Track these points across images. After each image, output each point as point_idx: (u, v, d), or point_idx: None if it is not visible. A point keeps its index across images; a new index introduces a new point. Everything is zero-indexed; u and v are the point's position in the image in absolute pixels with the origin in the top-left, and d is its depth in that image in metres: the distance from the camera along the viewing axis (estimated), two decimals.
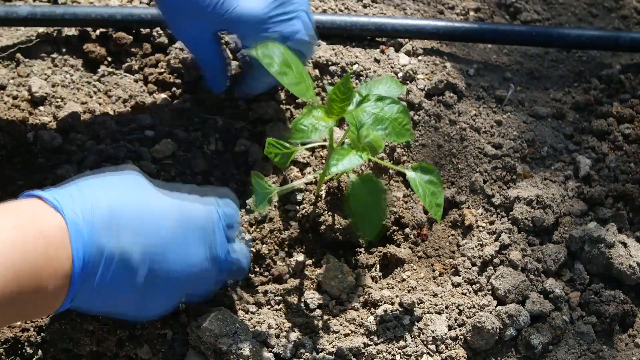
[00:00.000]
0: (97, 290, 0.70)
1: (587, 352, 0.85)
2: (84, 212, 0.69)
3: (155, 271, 0.72)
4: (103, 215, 0.69)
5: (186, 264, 0.75)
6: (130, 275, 0.71)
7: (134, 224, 0.71)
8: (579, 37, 1.14)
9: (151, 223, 0.72)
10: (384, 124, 0.79)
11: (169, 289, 0.75)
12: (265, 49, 0.82)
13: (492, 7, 1.26)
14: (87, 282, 0.69)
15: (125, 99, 1.06)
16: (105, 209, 0.70)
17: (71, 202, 0.69)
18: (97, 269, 0.69)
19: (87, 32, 1.12)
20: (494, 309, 0.86)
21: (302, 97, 0.82)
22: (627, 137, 1.04)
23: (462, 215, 0.97)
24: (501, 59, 1.18)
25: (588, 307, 0.88)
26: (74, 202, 0.69)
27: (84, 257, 0.68)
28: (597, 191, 0.97)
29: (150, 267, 0.72)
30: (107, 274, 0.69)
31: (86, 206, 0.69)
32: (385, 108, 0.80)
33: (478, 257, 0.92)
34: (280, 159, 0.86)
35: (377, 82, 0.89)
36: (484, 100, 1.08)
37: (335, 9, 1.18)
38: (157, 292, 0.74)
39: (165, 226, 0.73)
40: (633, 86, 1.12)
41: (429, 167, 0.85)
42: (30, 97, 1.03)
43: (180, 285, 0.75)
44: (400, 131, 0.79)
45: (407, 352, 0.83)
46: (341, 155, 0.79)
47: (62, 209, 0.68)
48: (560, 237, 0.93)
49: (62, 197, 0.69)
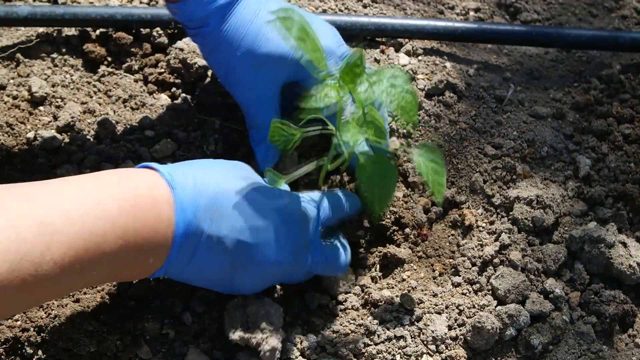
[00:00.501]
0: (190, 267, 0.75)
1: (587, 352, 0.85)
2: (192, 193, 0.73)
3: (245, 259, 0.77)
4: (208, 199, 0.74)
5: (274, 257, 0.79)
6: (222, 258, 0.76)
7: (234, 213, 0.75)
8: (579, 37, 1.14)
9: (250, 215, 0.76)
10: (392, 96, 0.80)
11: (256, 275, 0.80)
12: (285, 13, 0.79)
13: (492, 7, 1.26)
14: (181, 258, 0.74)
15: (125, 99, 1.06)
16: (211, 194, 0.75)
17: (183, 180, 0.74)
18: (194, 249, 0.74)
19: (87, 32, 1.12)
20: (494, 309, 0.86)
21: (318, 64, 0.80)
22: (627, 137, 1.04)
23: (462, 215, 0.97)
24: (501, 59, 1.18)
25: (588, 307, 0.88)
26: (185, 181, 0.74)
27: (183, 235, 0.72)
28: (597, 191, 0.97)
29: (242, 254, 0.76)
30: (200, 254, 0.74)
31: (195, 188, 0.74)
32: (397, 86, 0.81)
33: (478, 257, 0.92)
34: (284, 143, 0.85)
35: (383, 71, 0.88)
36: (484, 100, 1.08)
37: (335, 9, 1.18)
38: (244, 276, 0.79)
39: (262, 220, 0.77)
40: (633, 86, 1.12)
41: (431, 146, 0.84)
42: (30, 97, 1.03)
43: (267, 274, 0.80)
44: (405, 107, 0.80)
45: (407, 352, 0.83)
46: (347, 130, 0.79)
47: (174, 186, 0.73)
48: (560, 237, 0.93)
49: (176, 174, 0.74)
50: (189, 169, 0.76)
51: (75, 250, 0.64)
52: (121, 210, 0.68)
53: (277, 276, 0.82)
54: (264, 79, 0.90)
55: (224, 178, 0.77)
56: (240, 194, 0.77)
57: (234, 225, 0.75)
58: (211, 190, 0.75)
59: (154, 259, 0.72)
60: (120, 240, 0.68)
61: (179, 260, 0.74)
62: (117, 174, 0.74)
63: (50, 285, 0.64)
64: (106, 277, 0.73)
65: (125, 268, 0.71)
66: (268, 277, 0.81)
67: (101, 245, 0.66)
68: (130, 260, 0.70)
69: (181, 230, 0.72)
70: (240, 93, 0.93)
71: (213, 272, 0.77)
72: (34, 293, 0.64)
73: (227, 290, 0.81)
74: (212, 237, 0.74)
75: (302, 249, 0.81)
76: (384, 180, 0.82)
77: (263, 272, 0.80)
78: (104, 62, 1.11)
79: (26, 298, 0.64)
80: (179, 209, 0.72)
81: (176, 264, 0.74)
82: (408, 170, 1.00)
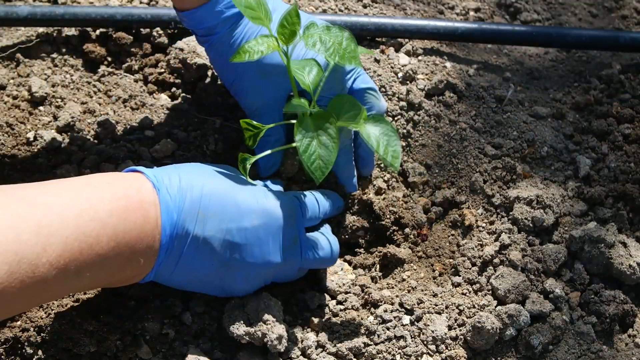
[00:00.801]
0: (178, 269, 0.76)
1: (587, 352, 0.85)
2: (177, 195, 0.74)
3: (234, 260, 0.78)
4: (193, 200, 0.75)
5: (263, 257, 0.79)
6: (209, 259, 0.76)
7: (220, 214, 0.76)
8: (579, 37, 1.14)
9: (235, 216, 0.77)
10: (327, 45, 0.81)
11: (247, 276, 0.80)
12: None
13: (492, 7, 1.26)
14: (169, 260, 0.75)
15: (125, 99, 1.06)
16: (197, 195, 0.75)
17: (168, 182, 0.75)
18: (180, 250, 0.75)
19: (87, 32, 1.12)
20: (494, 309, 0.86)
21: (255, 21, 0.82)
22: (627, 137, 1.04)
23: (462, 215, 0.97)
24: (501, 59, 1.18)
25: (588, 307, 0.88)
26: (170, 183, 0.75)
27: (170, 237, 0.73)
28: (597, 191, 0.97)
29: (229, 255, 0.77)
30: (187, 255, 0.75)
31: (180, 190, 0.75)
32: (331, 33, 0.82)
33: (478, 257, 0.92)
34: (251, 140, 0.86)
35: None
36: (484, 100, 1.08)
37: (335, 9, 1.18)
38: (235, 277, 0.79)
39: (248, 220, 0.78)
40: (633, 86, 1.12)
41: (379, 117, 0.83)
42: (30, 97, 1.03)
43: (258, 274, 0.81)
44: (343, 55, 0.81)
45: (407, 352, 0.83)
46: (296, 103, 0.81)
47: (159, 187, 0.74)
48: (560, 237, 0.93)
49: (162, 176, 0.75)
50: (174, 172, 0.77)
51: (70, 251, 0.65)
52: (112, 212, 0.69)
53: (268, 275, 0.82)
54: (269, 87, 0.91)
55: (210, 180, 0.78)
56: (225, 195, 0.77)
57: (220, 226, 0.76)
58: (196, 192, 0.76)
59: (144, 261, 0.73)
60: (112, 242, 0.69)
61: (167, 262, 0.75)
62: (107, 177, 0.75)
63: (47, 287, 0.64)
64: (102, 280, 0.73)
65: (118, 270, 0.72)
66: (259, 276, 0.81)
67: (94, 246, 0.67)
68: (122, 262, 0.71)
69: (167, 232, 0.73)
70: (246, 100, 0.93)
71: (202, 273, 0.78)
72: (32, 294, 0.64)
73: (220, 293, 0.82)
74: (199, 238, 0.75)
75: (291, 246, 0.81)
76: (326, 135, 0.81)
77: (253, 271, 0.80)
78: (104, 62, 1.11)
79: (24, 299, 0.64)
80: (164, 211, 0.73)
81: (164, 266, 0.75)
82: (408, 170, 1.00)
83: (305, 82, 0.83)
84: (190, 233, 0.74)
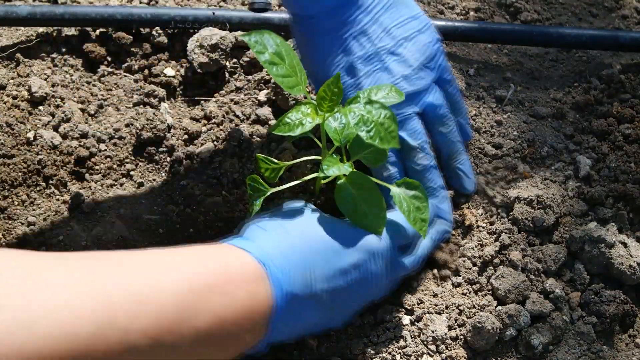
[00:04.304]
0: (288, 331, 0.75)
1: (587, 352, 0.85)
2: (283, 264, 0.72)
3: (340, 303, 0.77)
4: (297, 264, 0.73)
5: (367, 293, 0.81)
6: (318, 312, 0.76)
7: (322, 262, 0.75)
8: (579, 37, 1.14)
9: (338, 266, 0.76)
10: (369, 126, 0.78)
11: (351, 311, 0.82)
12: (259, 36, 0.79)
13: (492, 7, 1.26)
14: (281, 328, 0.73)
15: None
16: (299, 257, 0.74)
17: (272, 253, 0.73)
18: (292, 316, 0.73)
19: (87, 32, 1.12)
20: (494, 309, 0.86)
21: (290, 90, 0.79)
22: (627, 137, 1.04)
23: (462, 215, 0.96)
24: (501, 59, 1.18)
25: (588, 307, 0.88)
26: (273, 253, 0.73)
27: (281, 309, 0.71)
28: (597, 191, 0.97)
29: (337, 299, 0.76)
30: (299, 315, 0.74)
31: (283, 257, 0.73)
32: (373, 111, 0.78)
33: (478, 257, 0.92)
34: (271, 173, 0.85)
35: (376, 89, 0.87)
36: (484, 100, 1.08)
37: None
38: (340, 316, 0.80)
39: (348, 259, 0.77)
40: (633, 86, 1.12)
41: (413, 182, 0.83)
42: (30, 97, 1.03)
43: (360, 306, 0.82)
44: (384, 136, 0.77)
45: (407, 352, 0.83)
46: (331, 163, 0.79)
47: (264, 261, 0.72)
48: (560, 237, 0.93)
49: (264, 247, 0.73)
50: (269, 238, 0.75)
51: (165, 321, 0.62)
52: (213, 286, 0.67)
53: (368, 302, 0.84)
54: None
55: (304, 235, 0.77)
56: (325, 249, 0.76)
57: (325, 275, 0.75)
58: (298, 253, 0.74)
59: (250, 337, 0.71)
60: (215, 317, 0.66)
61: (276, 331, 0.73)
62: (206, 249, 0.72)
63: (139, 356, 0.61)
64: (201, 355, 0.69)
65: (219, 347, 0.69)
66: (362, 306, 0.83)
67: (192, 319, 0.64)
68: (223, 339, 0.68)
69: (278, 305, 0.71)
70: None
71: (313, 324, 0.77)
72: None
73: (321, 332, 0.82)
74: (307, 297, 0.74)
75: (389, 273, 0.82)
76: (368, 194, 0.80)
77: (360, 305, 0.82)
78: (104, 62, 1.11)
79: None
80: (275, 283, 0.71)
81: (274, 335, 0.73)
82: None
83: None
84: (300, 295, 0.73)
